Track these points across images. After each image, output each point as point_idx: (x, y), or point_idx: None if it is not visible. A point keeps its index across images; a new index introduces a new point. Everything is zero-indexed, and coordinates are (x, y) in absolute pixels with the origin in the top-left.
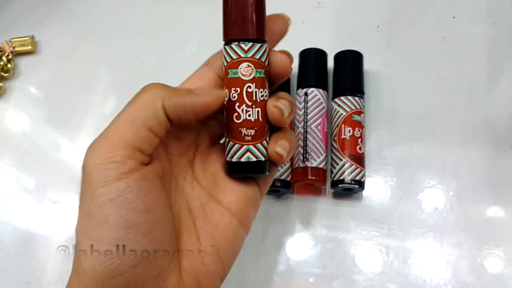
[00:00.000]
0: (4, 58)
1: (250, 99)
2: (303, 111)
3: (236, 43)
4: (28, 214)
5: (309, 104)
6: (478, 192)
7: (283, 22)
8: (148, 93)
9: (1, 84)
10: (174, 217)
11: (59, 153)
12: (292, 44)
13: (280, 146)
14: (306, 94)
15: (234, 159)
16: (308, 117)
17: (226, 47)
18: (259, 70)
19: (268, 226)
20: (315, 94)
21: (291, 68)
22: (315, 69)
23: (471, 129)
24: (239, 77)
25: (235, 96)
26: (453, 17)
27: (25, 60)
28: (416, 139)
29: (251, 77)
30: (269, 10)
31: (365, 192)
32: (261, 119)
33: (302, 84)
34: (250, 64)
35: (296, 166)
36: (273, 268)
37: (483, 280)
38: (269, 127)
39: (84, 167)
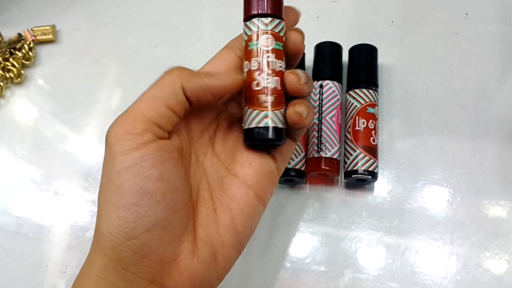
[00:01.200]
0: (26, 46)
1: (269, 67)
2: (318, 102)
3: (257, 18)
4: (35, 203)
5: (324, 96)
6: (489, 186)
7: (294, 14)
8: (169, 74)
9: (22, 71)
10: (192, 189)
11: (70, 143)
12: (308, 38)
13: (299, 107)
14: (321, 86)
15: (252, 125)
16: (323, 108)
17: (248, 22)
18: (278, 42)
19: (280, 215)
20: (330, 86)
21: (304, 45)
22: (330, 62)
23: (483, 123)
24: (260, 48)
25: (254, 65)
26: (466, 14)
27: (46, 49)
28: (428, 133)
29: (271, 47)
30: (286, 3)
31: (377, 184)
32: (279, 88)
33: (317, 76)
34: (270, 36)
35: (311, 156)
36: (283, 258)
37: (493, 271)
38: (286, 100)
39: (107, 139)
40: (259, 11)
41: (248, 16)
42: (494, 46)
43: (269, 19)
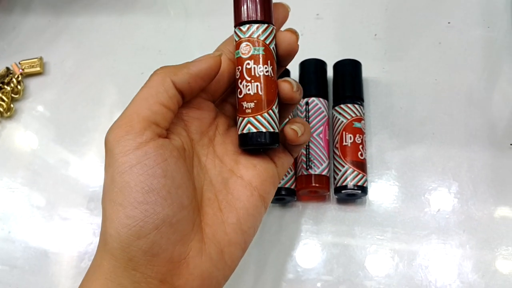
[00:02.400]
0: (14, 80)
1: (249, 74)
2: (304, 119)
3: (238, 27)
4: (40, 231)
5: (310, 113)
6: (479, 192)
7: (284, 9)
8: (156, 74)
9: (12, 105)
10: (196, 189)
11: (68, 170)
12: None
13: (295, 125)
14: (307, 103)
15: (239, 132)
16: (310, 125)
17: (234, 31)
18: (256, 48)
19: (275, 234)
20: (316, 103)
21: (297, 45)
22: (315, 79)
23: (471, 131)
24: (240, 56)
25: (237, 74)
26: (448, 23)
27: (35, 81)
28: (416, 143)
29: (249, 54)
30: None
31: (368, 197)
32: (260, 93)
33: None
34: (248, 43)
35: (300, 174)
36: (282, 275)
37: (487, 278)
38: (274, 104)
39: (106, 143)
40: (238, 21)
41: (234, 25)
42: (478, 53)
43: (246, 26)
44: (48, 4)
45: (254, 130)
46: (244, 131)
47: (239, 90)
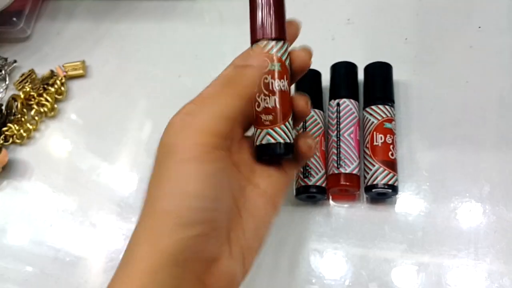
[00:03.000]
0: (58, 82)
1: (267, 89)
2: (335, 120)
3: (255, 44)
4: (70, 235)
5: (341, 114)
6: (510, 195)
7: (295, 27)
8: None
9: (55, 105)
10: None
11: (99, 176)
12: (324, 59)
13: (309, 140)
14: (338, 104)
15: (257, 143)
16: (341, 126)
17: (250, 47)
18: (274, 63)
19: (303, 231)
20: (347, 104)
21: (310, 62)
22: (346, 81)
23: (502, 133)
24: None
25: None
26: (479, 27)
27: (77, 83)
28: (447, 145)
29: (266, 69)
30: (302, 30)
31: (398, 197)
32: (277, 106)
33: (334, 95)
34: (266, 59)
35: (331, 172)
36: (310, 272)
37: None
38: (290, 117)
39: (188, 132)
40: (255, 38)
41: (251, 43)
42: (508, 56)
43: (264, 42)
44: (90, 10)
45: (272, 141)
46: (263, 142)
47: (257, 103)
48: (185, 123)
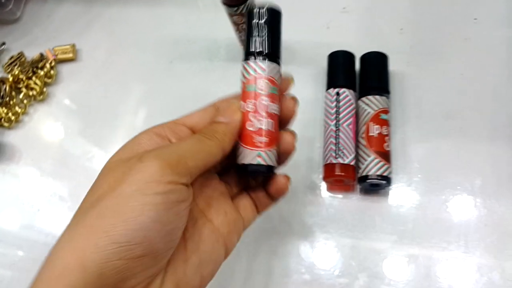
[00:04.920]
0: (48, 65)
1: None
2: (335, 109)
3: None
4: (62, 221)
5: (340, 104)
6: (503, 188)
7: (287, 83)
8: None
9: (45, 89)
10: None
11: (92, 162)
12: (319, 47)
13: (283, 179)
14: (337, 94)
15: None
16: (340, 116)
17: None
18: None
19: (295, 221)
20: (347, 94)
21: (297, 111)
22: (345, 70)
23: (496, 126)
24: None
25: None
26: (475, 19)
27: (67, 67)
28: (441, 137)
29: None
30: (296, 17)
31: (390, 189)
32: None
33: (332, 84)
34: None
35: (328, 162)
36: (300, 261)
37: (507, 272)
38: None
39: (147, 160)
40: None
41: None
42: (504, 49)
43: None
44: None
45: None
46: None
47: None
48: (155, 147)
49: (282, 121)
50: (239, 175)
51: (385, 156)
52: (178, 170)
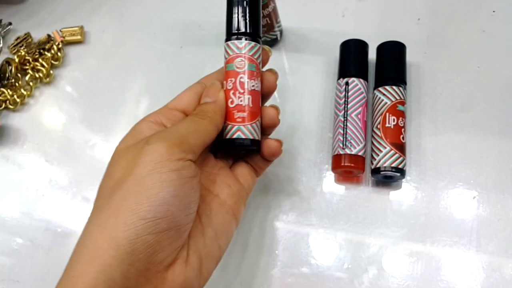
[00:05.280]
0: (55, 47)
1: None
2: (343, 100)
3: (232, 41)
4: (61, 209)
5: (350, 93)
6: None
7: (272, 76)
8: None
9: (51, 71)
10: None
11: (93, 150)
12: (333, 36)
13: (273, 143)
14: (347, 83)
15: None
16: (349, 105)
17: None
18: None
19: (305, 212)
20: (356, 83)
21: (276, 84)
22: (356, 59)
23: (510, 122)
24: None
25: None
26: (493, 11)
27: (75, 49)
28: (455, 130)
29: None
30: (311, 5)
31: (402, 181)
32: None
33: (343, 73)
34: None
35: (336, 153)
36: (309, 253)
37: None
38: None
39: (152, 145)
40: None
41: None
42: None
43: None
44: None
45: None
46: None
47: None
48: (156, 132)
49: (264, 95)
50: (226, 149)
51: (401, 148)
52: (183, 148)
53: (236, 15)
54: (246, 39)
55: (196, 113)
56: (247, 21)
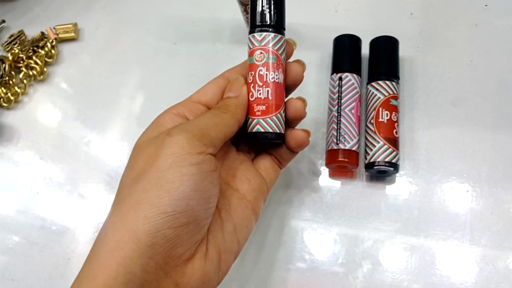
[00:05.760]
0: (49, 44)
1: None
2: (337, 95)
3: (253, 34)
4: (58, 206)
5: (343, 88)
6: (509, 176)
7: (299, 67)
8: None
9: (45, 69)
10: None
11: (89, 147)
12: (326, 31)
13: (300, 134)
14: (340, 78)
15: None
16: (342, 101)
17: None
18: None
19: (299, 207)
20: (350, 78)
21: (303, 76)
22: (349, 55)
23: (503, 114)
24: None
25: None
26: (486, 5)
27: (68, 47)
28: (448, 124)
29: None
30: (304, 0)
31: (396, 176)
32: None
33: (336, 69)
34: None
35: (330, 148)
36: (304, 248)
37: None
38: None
39: (176, 136)
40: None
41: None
42: None
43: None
44: None
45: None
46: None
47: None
48: (177, 124)
49: (290, 86)
50: (250, 143)
51: (394, 142)
52: (204, 142)
53: (258, 8)
54: (266, 31)
55: (219, 106)
56: (268, 13)
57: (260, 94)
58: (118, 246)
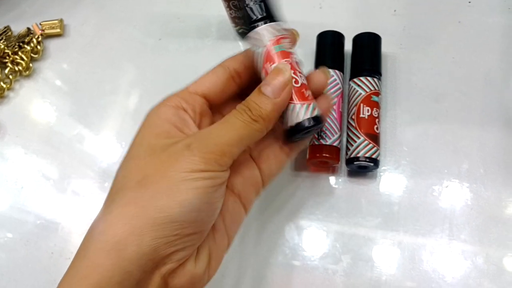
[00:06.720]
0: (35, 40)
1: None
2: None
3: (275, 23)
4: (51, 203)
5: None
6: (489, 172)
7: (323, 76)
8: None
9: (31, 64)
10: None
11: (82, 144)
12: (311, 28)
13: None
14: None
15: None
16: None
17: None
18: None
19: (281, 202)
20: (332, 75)
21: (327, 83)
22: (332, 51)
23: (485, 111)
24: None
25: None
26: (469, 2)
27: (54, 42)
28: (430, 120)
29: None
30: None
31: (377, 172)
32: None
33: (319, 65)
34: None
35: (311, 143)
36: (285, 243)
37: (492, 256)
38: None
39: (195, 148)
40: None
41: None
42: (497, 34)
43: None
44: None
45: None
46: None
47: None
48: (198, 133)
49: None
50: (292, 137)
51: (375, 138)
52: (224, 160)
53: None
54: (282, 22)
55: (250, 108)
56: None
57: (303, 80)
58: (117, 247)
